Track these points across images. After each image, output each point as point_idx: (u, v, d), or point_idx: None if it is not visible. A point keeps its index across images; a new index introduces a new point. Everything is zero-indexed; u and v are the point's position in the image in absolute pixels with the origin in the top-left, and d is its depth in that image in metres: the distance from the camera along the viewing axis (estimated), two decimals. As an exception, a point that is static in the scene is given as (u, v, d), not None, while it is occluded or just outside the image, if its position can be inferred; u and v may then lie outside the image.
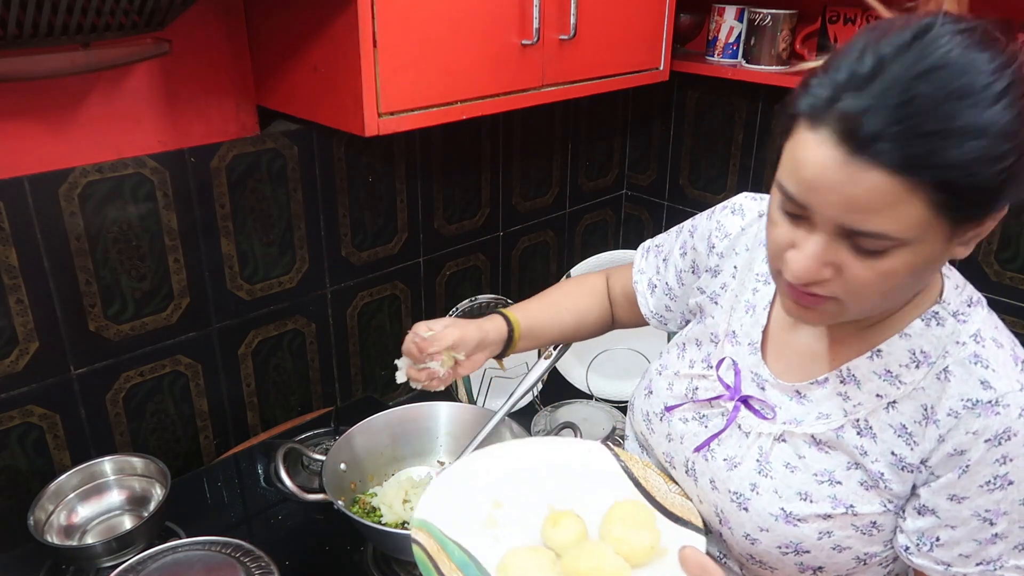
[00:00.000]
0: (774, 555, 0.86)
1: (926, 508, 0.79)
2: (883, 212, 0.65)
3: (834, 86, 0.65)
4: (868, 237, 0.66)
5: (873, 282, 0.70)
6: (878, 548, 0.83)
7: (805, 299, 0.74)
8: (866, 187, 0.64)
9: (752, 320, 0.92)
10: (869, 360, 0.81)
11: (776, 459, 0.86)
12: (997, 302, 1.56)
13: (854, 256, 0.69)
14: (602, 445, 1.02)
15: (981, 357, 0.76)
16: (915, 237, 0.66)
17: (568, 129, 1.96)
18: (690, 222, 1.05)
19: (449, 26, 1.22)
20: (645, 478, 0.96)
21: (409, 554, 0.98)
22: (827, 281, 0.71)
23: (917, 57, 0.63)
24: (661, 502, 0.92)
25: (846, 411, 0.82)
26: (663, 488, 0.94)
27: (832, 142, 0.65)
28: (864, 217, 0.65)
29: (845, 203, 0.66)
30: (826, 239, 0.69)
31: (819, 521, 0.82)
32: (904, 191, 0.63)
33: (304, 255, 1.54)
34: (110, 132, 1.24)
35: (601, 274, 1.21)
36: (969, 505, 0.76)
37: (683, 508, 0.91)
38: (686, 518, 0.90)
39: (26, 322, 1.23)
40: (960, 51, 0.63)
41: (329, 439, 1.51)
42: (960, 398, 0.75)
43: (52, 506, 1.25)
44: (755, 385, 0.90)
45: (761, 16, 1.60)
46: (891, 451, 0.80)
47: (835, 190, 0.66)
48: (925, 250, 0.68)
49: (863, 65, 0.64)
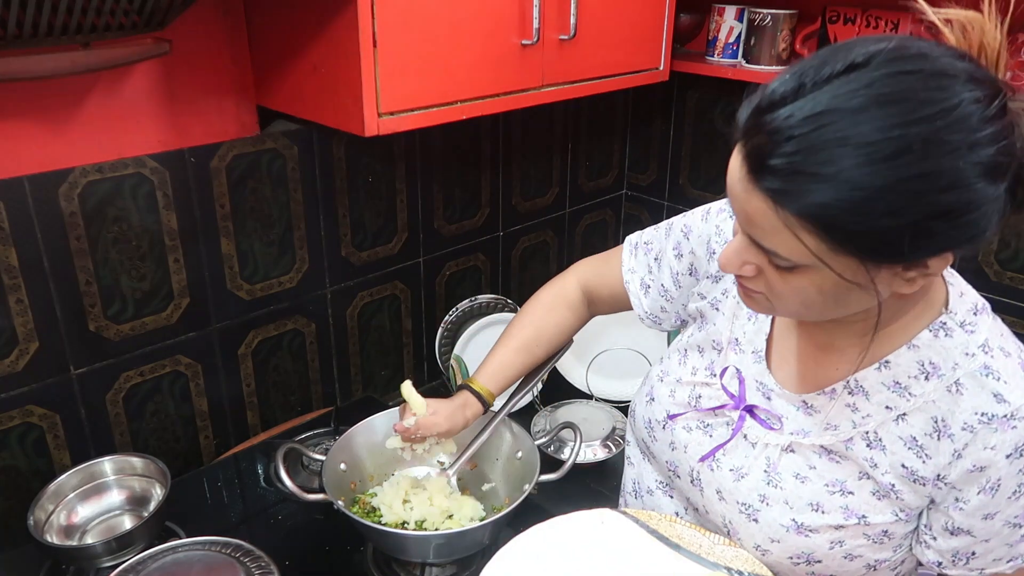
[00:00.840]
0: (786, 565, 0.85)
1: (960, 529, 0.79)
2: (771, 235, 0.67)
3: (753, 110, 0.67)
4: (769, 252, 0.69)
5: (787, 293, 0.72)
6: (888, 554, 0.83)
7: (743, 289, 0.78)
8: (753, 208, 0.67)
9: (755, 328, 0.91)
10: (877, 371, 0.80)
11: (785, 470, 0.85)
12: (997, 302, 1.56)
13: (768, 264, 0.71)
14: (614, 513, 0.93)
15: (992, 369, 0.76)
16: (812, 263, 0.67)
17: (568, 129, 1.95)
18: (681, 220, 1.02)
19: (449, 26, 1.22)
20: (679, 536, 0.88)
21: (409, 554, 0.98)
22: (753, 278, 0.74)
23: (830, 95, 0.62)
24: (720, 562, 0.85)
25: (855, 423, 0.81)
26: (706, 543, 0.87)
27: (740, 159, 0.68)
28: (760, 233, 0.68)
29: (745, 217, 0.69)
30: (745, 242, 0.72)
31: (831, 531, 0.82)
32: (782, 221, 0.65)
33: (304, 255, 1.54)
34: (110, 132, 1.24)
35: (570, 276, 1.19)
36: (1000, 518, 0.77)
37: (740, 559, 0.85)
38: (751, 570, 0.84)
39: (26, 322, 1.23)
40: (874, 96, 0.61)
41: (329, 439, 1.51)
42: (975, 412, 0.75)
43: (52, 506, 1.25)
44: (760, 395, 0.89)
45: (761, 16, 1.59)
46: (902, 464, 0.79)
47: (738, 203, 0.70)
48: (831, 278, 0.68)
49: (783, 86, 0.65)
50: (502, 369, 1.17)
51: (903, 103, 0.61)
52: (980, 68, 0.65)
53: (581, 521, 0.92)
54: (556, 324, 1.18)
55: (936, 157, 0.60)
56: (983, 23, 0.66)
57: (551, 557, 0.88)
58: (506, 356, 1.17)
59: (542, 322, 1.18)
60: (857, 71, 0.62)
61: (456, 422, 1.13)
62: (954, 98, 0.61)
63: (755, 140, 0.65)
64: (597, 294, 1.16)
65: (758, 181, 0.65)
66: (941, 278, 0.81)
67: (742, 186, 0.67)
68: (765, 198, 0.65)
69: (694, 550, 0.85)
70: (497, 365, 1.17)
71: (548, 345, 1.19)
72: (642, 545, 0.87)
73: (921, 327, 0.78)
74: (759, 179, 0.65)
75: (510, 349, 1.17)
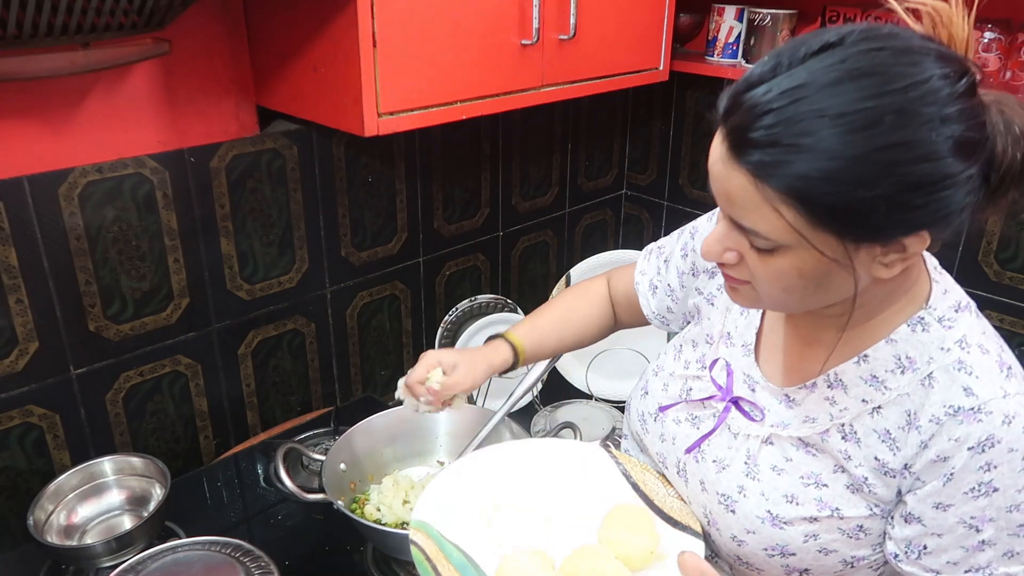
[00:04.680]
0: (760, 557, 0.86)
1: (912, 516, 0.79)
2: (753, 212, 0.68)
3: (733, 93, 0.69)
4: (749, 232, 0.70)
5: (768, 277, 0.73)
6: (866, 551, 0.83)
7: (729, 279, 0.79)
8: (735, 185, 0.68)
9: (746, 322, 0.93)
10: (856, 365, 0.81)
11: (764, 461, 0.86)
12: (997, 302, 1.55)
13: (750, 248, 0.72)
14: (600, 447, 1.02)
15: (965, 364, 0.76)
16: (793, 242, 0.68)
17: (568, 129, 1.96)
18: (692, 224, 1.05)
19: (449, 26, 1.22)
20: (643, 481, 0.96)
21: (409, 554, 0.99)
22: (735, 266, 0.75)
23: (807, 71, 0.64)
24: (660, 506, 0.92)
25: (832, 415, 0.82)
26: (661, 491, 0.94)
27: (721, 138, 0.69)
28: (740, 213, 0.70)
29: (726, 197, 0.71)
30: (727, 227, 0.73)
31: (805, 524, 0.82)
32: (762, 196, 0.67)
33: (304, 255, 1.54)
34: (110, 132, 1.24)
35: (602, 277, 1.21)
36: (954, 512, 0.76)
37: (681, 512, 0.91)
38: (685, 522, 0.89)
39: (26, 322, 1.23)
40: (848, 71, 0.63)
41: (329, 439, 1.51)
42: (943, 404, 0.75)
43: (52, 506, 1.25)
44: (746, 387, 0.90)
45: (761, 16, 1.60)
46: (874, 456, 0.79)
47: (719, 183, 0.71)
48: (813, 256, 0.69)
49: (761, 69, 0.67)
50: (538, 334, 1.14)
51: (875, 76, 0.63)
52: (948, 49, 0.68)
53: (569, 446, 1.03)
54: (587, 308, 1.18)
55: (909, 128, 0.62)
56: (951, 15, 0.69)
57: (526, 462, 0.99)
58: (541, 322, 1.15)
59: (577, 304, 1.18)
60: (831, 49, 0.65)
61: (478, 373, 1.08)
62: (925, 72, 0.63)
63: (735, 118, 0.67)
64: (615, 296, 1.18)
65: (739, 157, 0.67)
66: (927, 275, 0.81)
67: (722, 165, 0.69)
68: (746, 173, 0.67)
69: (648, 493, 0.94)
70: (533, 330, 1.14)
71: (580, 325, 1.17)
72: (607, 477, 0.97)
73: (900, 322, 0.79)
74: (740, 155, 0.67)
75: (546, 318, 1.16)
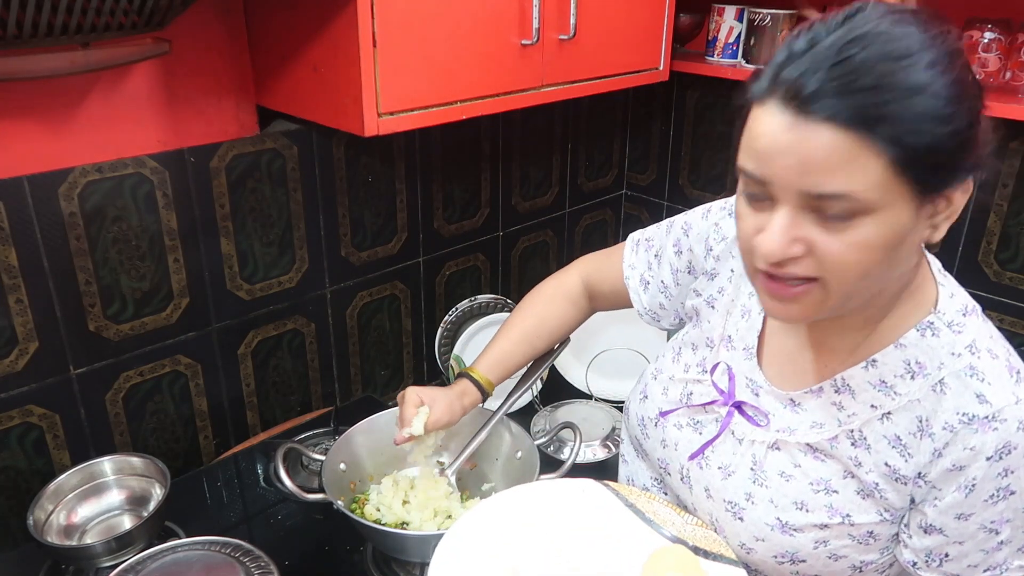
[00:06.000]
0: (770, 564, 0.85)
1: (933, 527, 0.78)
2: (840, 170, 0.64)
3: (775, 66, 0.68)
4: (830, 199, 0.65)
5: (846, 255, 0.67)
6: (874, 556, 0.83)
7: (784, 290, 0.72)
8: (818, 144, 0.64)
9: (748, 325, 0.91)
10: (864, 370, 0.80)
11: (771, 468, 0.85)
12: (997, 302, 1.55)
13: (821, 229, 0.67)
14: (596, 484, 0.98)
15: (977, 369, 0.75)
16: (878, 200, 0.65)
17: (568, 129, 1.95)
18: (682, 218, 1.03)
19: (449, 26, 1.22)
20: (655, 512, 0.92)
21: (408, 554, 0.99)
22: (800, 259, 0.69)
23: (848, 29, 0.65)
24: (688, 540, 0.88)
25: (840, 421, 0.82)
26: (679, 522, 0.91)
27: (778, 108, 0.66)
28: (822, 179, 0.65)
29: (800, 166, 0.65)
30: (791, 212, 0.68)
31: (815, 531, 0.82)
32: (856, 146, 0.64)
33: (304, 255, 1.54)
34: (110, 132, 1.24)
35: (573, 272, 1.19)
36: (975, 520, 0.76)
37: (708, 540, 0.88)
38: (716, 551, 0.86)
39: (26, 322, 1.23)
40: (889, 24, 0.65)
41: (329, 439, 1.51)
42: (956, 412, 0.75)
43: (52, 506, 1.25)
44: (749, 391, 0.89)
45: (761, 16, 1.60)
46: (885, 462, 0.79)
47: (789, 154, 0.66)
48: (892, 218, 0.66)
49: (798, 43, 0.67)
50: (502, 359, 1.17)
51: (915, 24, 0.66)
52: None
53: (563, 487, 0.97)
54: (557, 316, 1.18)
55: (959, 68, 0.65)
56: None
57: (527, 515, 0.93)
58: (506, 346, 1.17)
59: (543, 313, 1.18)
60: (858, 14, 0.67)
61: (455, 412, 1.13)
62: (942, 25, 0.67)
63: (796, 82, 0.65)
64: (598, 289, 1.16)
65: (820, 112, 0.64)
66: (932, 278, 0.80)
67: (794, 132, 0.65)
68: (833, 127, 0.63)
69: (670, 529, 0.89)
70: (497, 355, 1.17)
71: (549, 337, 1.19)
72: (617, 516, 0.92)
73: (909, 326, 0.78)
74: (821, 111, 0.64)
75: (510, 340, 1.17)
